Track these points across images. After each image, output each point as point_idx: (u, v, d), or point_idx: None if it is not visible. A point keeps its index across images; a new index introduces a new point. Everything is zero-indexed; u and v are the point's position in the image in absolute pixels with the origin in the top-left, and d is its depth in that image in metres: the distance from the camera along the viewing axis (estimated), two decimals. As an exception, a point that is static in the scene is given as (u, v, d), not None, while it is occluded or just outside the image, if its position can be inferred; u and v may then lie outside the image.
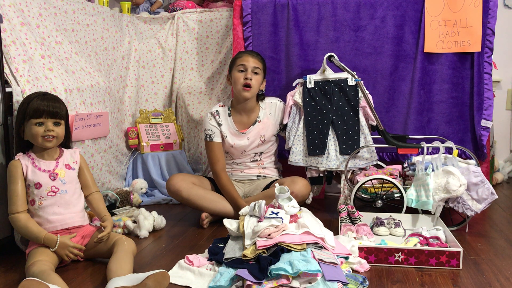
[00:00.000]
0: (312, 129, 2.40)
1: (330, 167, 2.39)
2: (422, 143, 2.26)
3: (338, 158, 2.39)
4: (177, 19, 3.14)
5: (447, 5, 2.52)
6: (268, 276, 1.53)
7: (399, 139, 2.37)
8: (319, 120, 2.40)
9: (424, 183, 2.13)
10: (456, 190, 2.06)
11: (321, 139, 2.39)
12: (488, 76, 2.51)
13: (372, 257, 1.76)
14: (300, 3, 2.63)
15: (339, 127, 2.39)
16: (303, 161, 2.44)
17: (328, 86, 2.40)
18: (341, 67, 2.35)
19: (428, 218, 2.17)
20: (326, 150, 2.39)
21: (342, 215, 2.12)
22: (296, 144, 2.44)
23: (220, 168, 2.38)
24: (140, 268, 1.74)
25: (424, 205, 2.11)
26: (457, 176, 2.08)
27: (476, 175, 2.10)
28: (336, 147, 2.39)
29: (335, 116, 2.39)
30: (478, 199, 2.10)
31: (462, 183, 2.07)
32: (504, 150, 3.45)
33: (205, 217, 2.28)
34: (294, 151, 2.44)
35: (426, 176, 2.13)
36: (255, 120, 2.45)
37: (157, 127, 3.05)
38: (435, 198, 2.09)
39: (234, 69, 2.38)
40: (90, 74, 2.46)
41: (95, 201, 1.92)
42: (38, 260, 1.63)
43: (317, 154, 2.39)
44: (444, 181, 2.09)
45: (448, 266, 1.73)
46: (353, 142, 2.37)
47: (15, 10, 2.06)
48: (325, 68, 2.44)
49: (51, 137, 1.75)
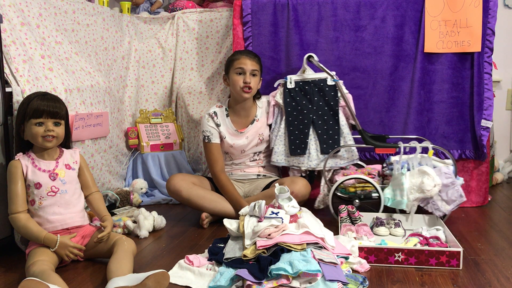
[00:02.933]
0: (293, 129, 2.43)
1: (311, 167, 2.41)
2: (399, 143, 2.28)
3: (319, 157, 2.41)
4: (177, 19, 3.14)
5: (447, 5, 2.52)
6: (268, 276, 1.53)
7: (379, 139, 2.40)
8: (300, 120, 2.43)
9: (400, 183, 2.15)
10: (430, 190, 2.09)
11: (302, 139, 2.41)
12: (488, 76, 2.51)
13: (372, 257, 1.76)
14: (300, 3, 2.63)
15: (319, 126, 2.41)
16: (285, 161, 2.46)
17: (308, 86, 2.43)
18: (320, 67, 2.38)
19: (428, 218, 2.17)
20: (307, 149, 2.41)
21: (342, 215, 2.12)
22: (278, 144, 2.46)
23: (219, 169, 2.39)
24: (140, 268, 1.74)
25: (399, 205, 2.14)
26: (432, 176, 2.10)
27: (447, 176, 2.12)
28: (317, 146, 2.42)
29: (315, 116, 2.42)
30: (447, 200, 2.13)
31: (436, 183, 2.09)
32: (504, 150, 3.45)
33: (205, 217, 2.28)
34: (276, 151, 2.47)
35: (401, 176, 2.15)
36: (253, 119, 2.47)
37: (157, 127, 3.05)
38: (409, 197, 2.12)
39: (232, 71, 2.37)
40: (90, 74, 2.46)
41: (95, 201, 1.92)
42: (38, 260, 1.63)
43: (298, 154, 2.41)
44: (419, 181, 2.12)
45: (448, 266, 1.73)
46: (334, 142, 2.40)
47: (15, 10, 2.06)
48: (305, 69, 2.46)
49: (51, 137, 1.75)
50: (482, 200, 2.60)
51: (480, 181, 2.58)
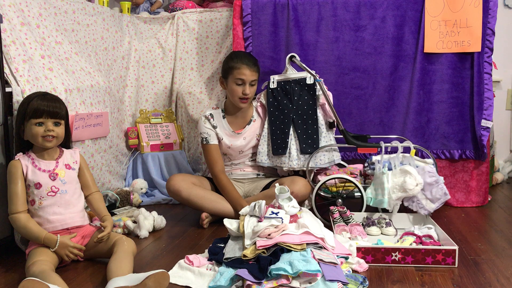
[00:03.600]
0: (275, 129, 2.43)
1: (292, 167, 2.41)
2: (381, 143, 2.30)
3: (299, 157, 2.41)
4: (177, 19, 3.14)
5: (447, 5, 2.52)
6: (268, 276, 1.53)
7: (361, 139, 2.42)
8: (281, 120, 2.43)
9: (381, 182, 2.17)
10: (412, 189, 2.11)
11: (283, 139, 2.41)
12: (488, 76, 2.51)
13: (370, 257, 1.76)
14: (300, 3, 2.63)
15: (299, 126, 2.42)
16: (269, 161, 2.46)
17: (289, 86, 2.43)
18: (302, 67, 2.39)
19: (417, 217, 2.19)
20: (288, 149, 2.41)
21: (335, 216, 2.12)
22: (262, 144, 2.47)
23: (219, 169, 2.39)
24: (140, 268, 1.74)
25: (380, 203, 2.17)
26: (414, 175, 2.12)
27: (431, 175, 2.15)
28: (297, 146, 2.42)
29: (295, 115, 2.42)
30: (432, 198, 2.15)
31: (418, 182, 2.11)
32: (504, 150, 3.45)
33: (205, 217, 2.28)
34: (260, 151, 2.47)
35: (382, 175, 2.17)
36: (250, 120, 2.48)
37: (157, 127, 3.05)
38: (392, 196, 2.14)
39: (231, 80, 2.35)
40: (90, 74, 2.46)
41: (95, 201, 1.92)
42: (38, 260, 1.63)
43: (280, 153, 2.42)
44: (401, 180, 2.14)
45: (444, 264, 1.73)
46: (313, 141, 2.40)
47: (15, 10, 2.06)
48: (287, 68, 2.47)
49: (51, 137, 1.75)
50: (482, 200, 2.60)
51: (480, 181, 2.58)
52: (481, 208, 2.55)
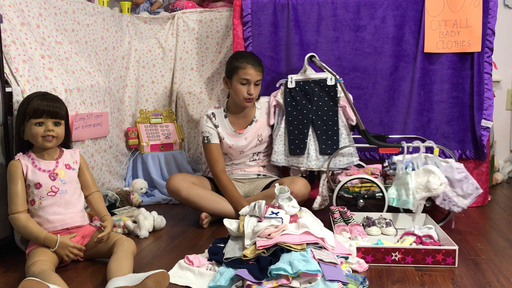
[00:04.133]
0: (293, 129, 2.43)
1: (310, 167, 2.40)
2: (403, 143, 2.28)
3: (318, 158, 2.41)
4: (177, 19, 3.14)
5: (447, 5, 2.52)
6: (268, 276, 1.53)
7: (379, 139, 2.40)
8: (300, 120, 2.43)
9: (405, 182, 2.15)
10: (436, 189, 2.09)
11: (301, 139, 2.41)
12: (488, 76, 2.51)
13: (370, 257, 1.76)
14: (300, 3, 2.63)
15: (318, 127, 2.41)
16: (285, 161, 2.46)
17: (308, 86, 2.43)
18: (322, 67, 2.38)
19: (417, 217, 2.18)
20: (306, 150, 2.40)
21: (336, 216, 2.12)
22: (278, 144, 2.46)
23: (220, 169, 2.38)
24: (140, 268, 1.74)
25: (405, 204, 2.14)
26: (437, 175, 2.10)
27: (460, 171, 2.12)
28: (316, 147, 2.41)
29: (315, 116, 2.42)
30: (463, 195, 2.12)
31: (442, 181, 2.10)
32: (504, 150, 3.45)
33: (205, 217, 2.28)
34: (276, 151, 2.47)
35: (406, 175, 2.15)
36: (252, 120, 2.47)
37: (157, 127, 3.05)
38: (416, 196, 2.12)
39: (236, 79, 2.34)
40: (90, 74, 2.46)
41: (95, 201, 1.92)
42: (38, 260, 1.63)
43: (297, 154, 2.41)
44: (425, 180, 2.12)
45: (444, 264, 1.73)
46: (332, 142, 2.40)
47: (15, 10, 2.06)
48: (306, 68, 2.46)
49: (51, 137, 1.74)
50: (482, 200, 2.60)
51: (480, 181, 2.57)
52: (481, 208, 2.55)
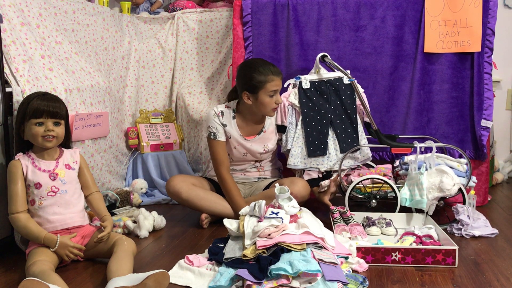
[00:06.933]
0: (311, 130, 2.40)
1: (331, 167, 2.39)
2: (415, 143, 2.28)
3: (338, 157, 2.40)
4: (177, 19, 3.14)
5: (447, 5, 2.52)
6: (268, 276, 1.53)
7: (390, 139, 2.40)
8: (318, 121, 2.40)
9: (418, 182, 2.15)
10: (450, 189, 2.10)
11: (321, 140, 2.39)
12: (488, 76, 2.51)
13: (370, 257, 1.76)
14: (300, 3, 2.63)
15: (337, 126, 2.40)
16: (302, 164, 2.42)
17: (324, 86, 2.41)
18: (335, 67, 2.37)
19: (417, 217, 2.18)
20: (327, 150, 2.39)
21: (335, 215, 2.12)
22: (295, 146, 2.41)
23: (225, 169, 2.32)
24: (140, 268, 1.74)
25: (418, 204, 2.14)
26: (450, 175, 2.11)
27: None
28: (336, 146, 2.40)
29: (334, 115, 2.41)
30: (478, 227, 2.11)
31: (455, 182, 2.10)
32: (504, 150, 3.44)
33: (205, 217, 2.28)
34: (293, 154, 2.41)
35: (419, 175, 2.15)
36: (261, 130, 2.40)
37: (157, 127, 3.05)
38: (428, 197, 2.12)
39: (264, 94, 2.22)
40: (90, 74, 2.46)
41: (95, 201, 1.92)
42: (38, 260, 1.63)
43: (318, 155, 2.39)
44: (438, 180, 2.12)
45: (444, 264, 1.73)
46: (352, 140, 2.39)
47: (15, 10, 2.06)
48: (319, 68, 2.44)
49: (51, 137, 1.74)
50: (482, 200, 2.60)
51: (480, 181, 2.57)
52: (481, 208, 2.54)
